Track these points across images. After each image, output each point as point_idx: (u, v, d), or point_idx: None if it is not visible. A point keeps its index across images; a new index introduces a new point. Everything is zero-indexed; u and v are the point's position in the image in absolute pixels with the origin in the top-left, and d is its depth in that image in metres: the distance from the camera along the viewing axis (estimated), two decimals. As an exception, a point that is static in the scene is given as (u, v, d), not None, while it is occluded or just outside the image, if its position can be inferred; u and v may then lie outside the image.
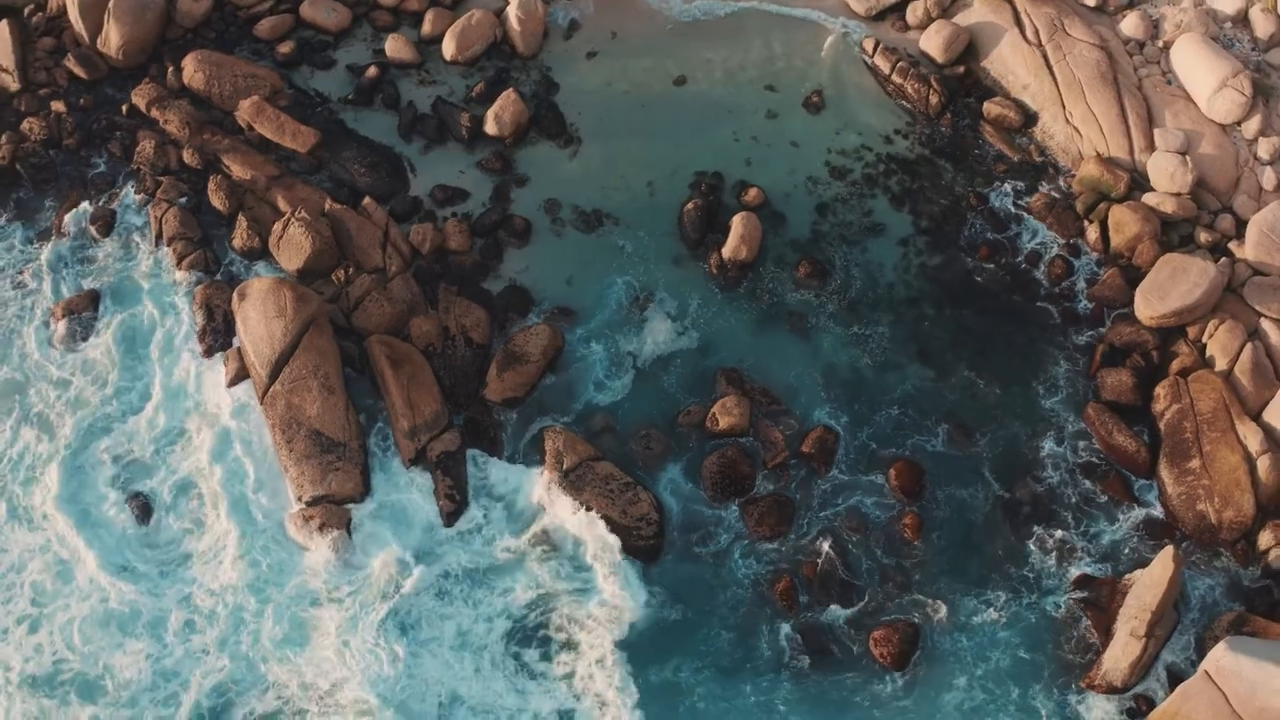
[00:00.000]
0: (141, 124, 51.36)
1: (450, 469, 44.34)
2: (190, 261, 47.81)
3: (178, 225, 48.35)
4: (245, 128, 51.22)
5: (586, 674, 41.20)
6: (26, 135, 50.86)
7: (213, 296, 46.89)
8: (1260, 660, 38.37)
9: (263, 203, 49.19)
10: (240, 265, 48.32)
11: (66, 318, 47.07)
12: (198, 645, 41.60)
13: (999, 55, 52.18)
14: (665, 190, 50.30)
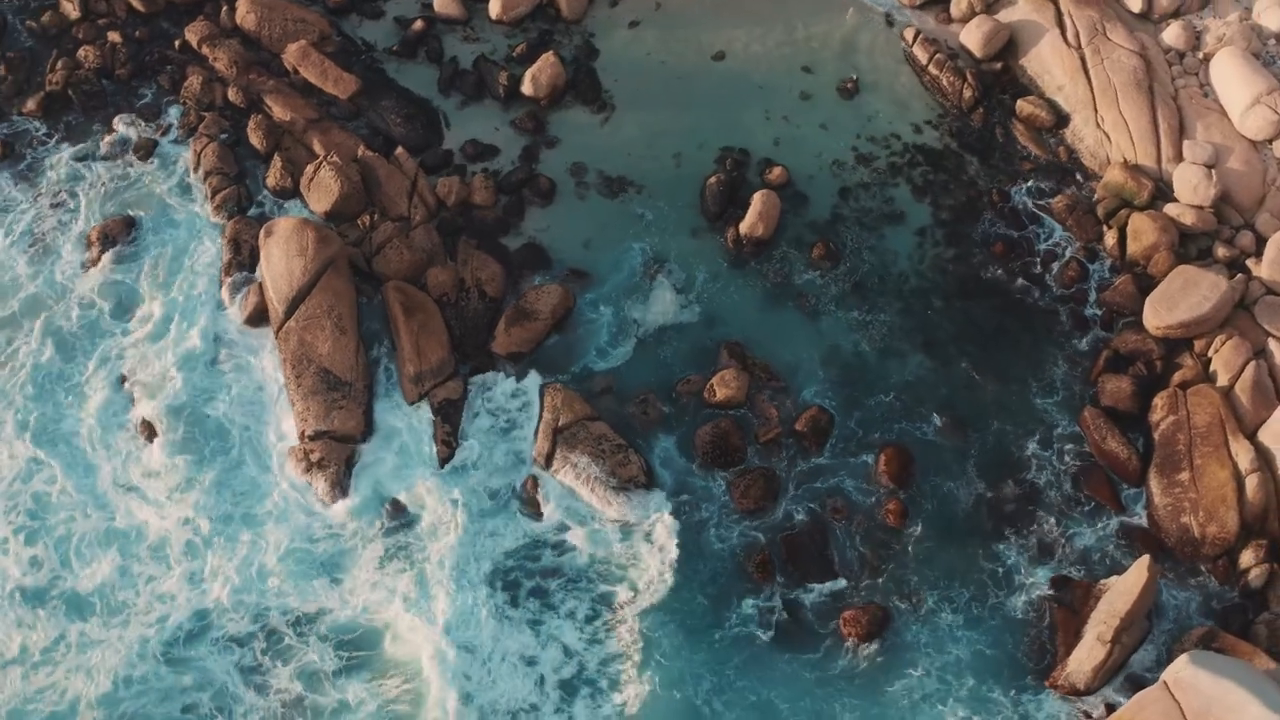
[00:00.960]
0: (192, 60, 52.42)
1: (450, 415, 45.09)
2: (224, 196, 48.87)
3: (215, 160, 49.45)
4: (290, 70, 52.20)
5: (555, 624, 41.72)
6: (81, 62, 52.15)
7: (242, 231, 47.99)
8: (1219, 677, 38.08)
9: (299, 144, 50.11)
10: (271, 203, 49.32)
11: (101, 240, 48.31)
12: (190, 569, 42.60)
13: (1037, 54, 51.63)
14: (691, 162, 50.39)
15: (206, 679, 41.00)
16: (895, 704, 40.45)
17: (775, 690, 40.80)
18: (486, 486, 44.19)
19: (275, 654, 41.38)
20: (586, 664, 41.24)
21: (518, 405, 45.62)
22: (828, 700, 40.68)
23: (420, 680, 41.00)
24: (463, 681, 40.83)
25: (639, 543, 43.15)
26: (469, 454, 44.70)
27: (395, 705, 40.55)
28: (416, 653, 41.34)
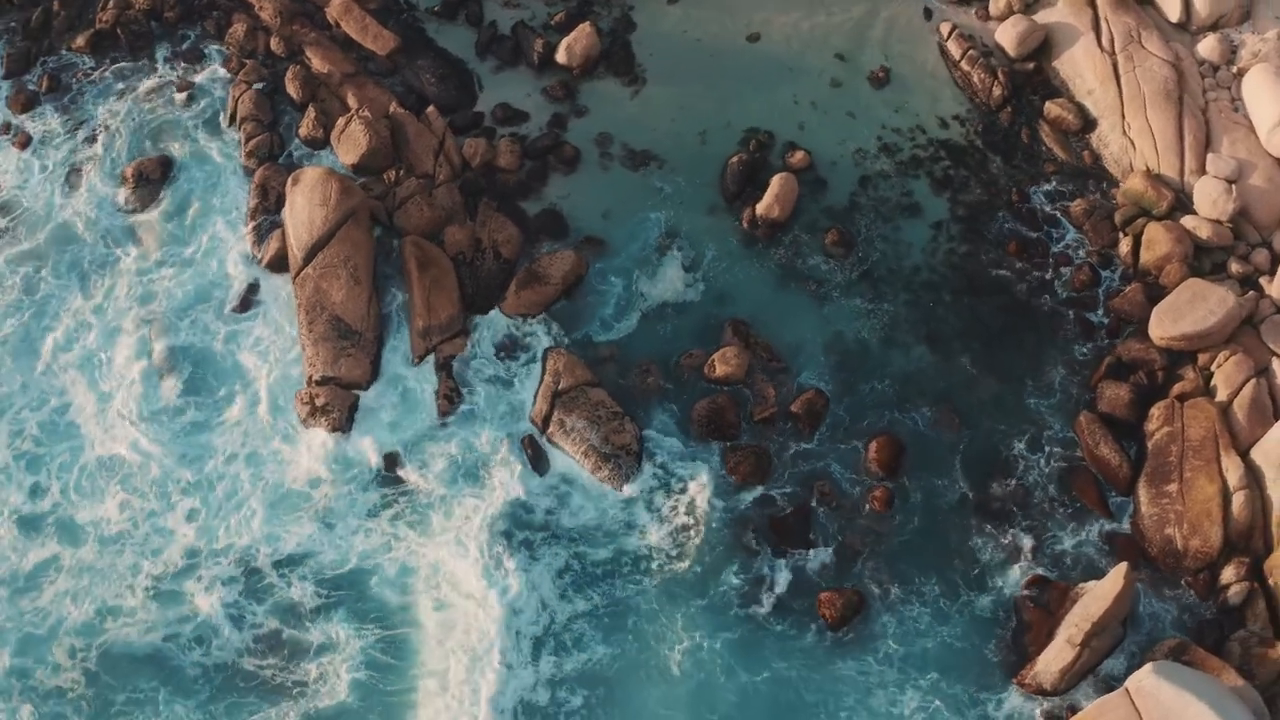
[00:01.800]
0: (238, 7, 53.16)
1: (453, 371, 45.55)
2: (257, 143, 49.64)
3: (252, 107, 50.21)
4: (332, 24, 52.77)
5: (540, 577, 42.33)
6: (132, 3, 53.06)
7: (270, 178, 48.74)
8: (1180, 689, 37.77)
9: (334, 97, 50.77)
10: (302, 152, 50.03)
11: (134, 177, 49.37)
12: (188, 505, 43.64)
13: (1070, 57, 50.99)
14: (715, 141, 50.39)
15: (191, 613, 41.92)
16: (854, 686, 40.60)
17: (743, 660, 41.05)
18: (483, 443, 44.57)
19: (259, 592, 42.32)
20: (557, 619, 41.69)
21: (521, 364, 46.20)
22: (790, 674, 40.86)
23: (404, 624, 41.66)
24: (444, 626, 41.55)
25: (626, 508, 43.48)
26: (469, 410, 45.24)
27: (376, 647, 41.17)
28: (403, 599, 41.99)
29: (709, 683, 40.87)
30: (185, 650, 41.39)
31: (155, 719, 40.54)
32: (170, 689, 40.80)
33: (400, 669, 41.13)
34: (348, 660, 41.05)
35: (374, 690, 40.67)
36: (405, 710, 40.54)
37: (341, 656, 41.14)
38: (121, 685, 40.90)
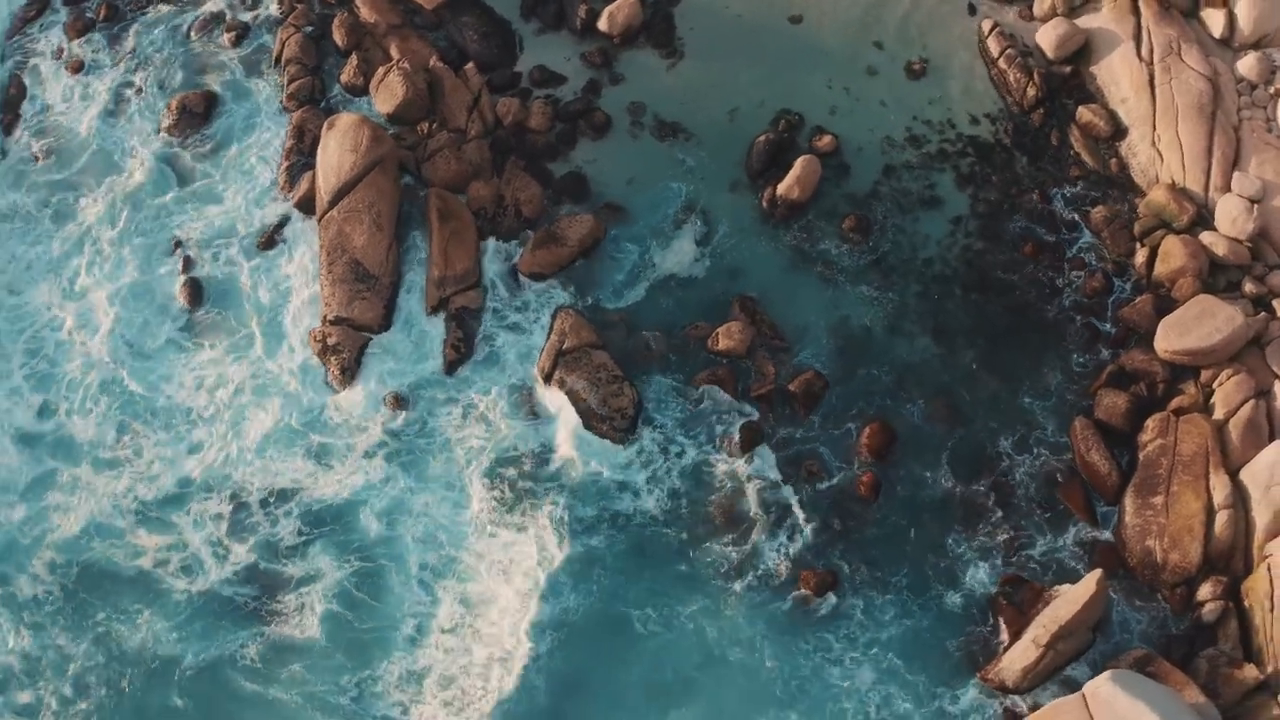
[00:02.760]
0: (295, -49, 54.21)
1: (464, 323, 46.26)
2: (298, 86, 50.57)
3: (298, 50, 51.10)
4: (384, -25, 53.66)
5: (535, 533, 42.98)
6: (190, -58, 54.47)
7: (307, 121, 49.59)
8: (1135, 699, 37.45)
9: (377, 47, 51.35)
10: (341, 99, 50.84)
11: (178, 111, 50.52)
12: (191, 433, 44.85)
13: (1108, 64, 50.15)
14: (746, 119, 50.27)
15: (179, 542, 43.21)
16: (814, 659, 40.95)
17: (711, 621, 41.65)
18: (485, 394, 45.27)
19: (249, 525, 43.43)
20: (535, 574, 42.32)
21: (530, 322, 46.62)
22: (754, 639, 41.32)
23: (387, 560, 42.64)
24: (430, 567, 42.60)
25: (617, 470, 43.93)
26: (475, 362, 45.81)
27: (353, 581, 42.21)
28: (390, 535, 42.96)
29: (673, 641, 41.51)
30: (172, 577, 42.56)
31: (135, 636, 41.77)
32: (153, 611, 42.08)
33: (377, 608, 42.05)
34: (325, 593, 42.07)
35: (346, 624, 41.65)
36: (374, 647, 41.55)
37: (321, 588, 42.14)
38: (103, 603, 42.24)
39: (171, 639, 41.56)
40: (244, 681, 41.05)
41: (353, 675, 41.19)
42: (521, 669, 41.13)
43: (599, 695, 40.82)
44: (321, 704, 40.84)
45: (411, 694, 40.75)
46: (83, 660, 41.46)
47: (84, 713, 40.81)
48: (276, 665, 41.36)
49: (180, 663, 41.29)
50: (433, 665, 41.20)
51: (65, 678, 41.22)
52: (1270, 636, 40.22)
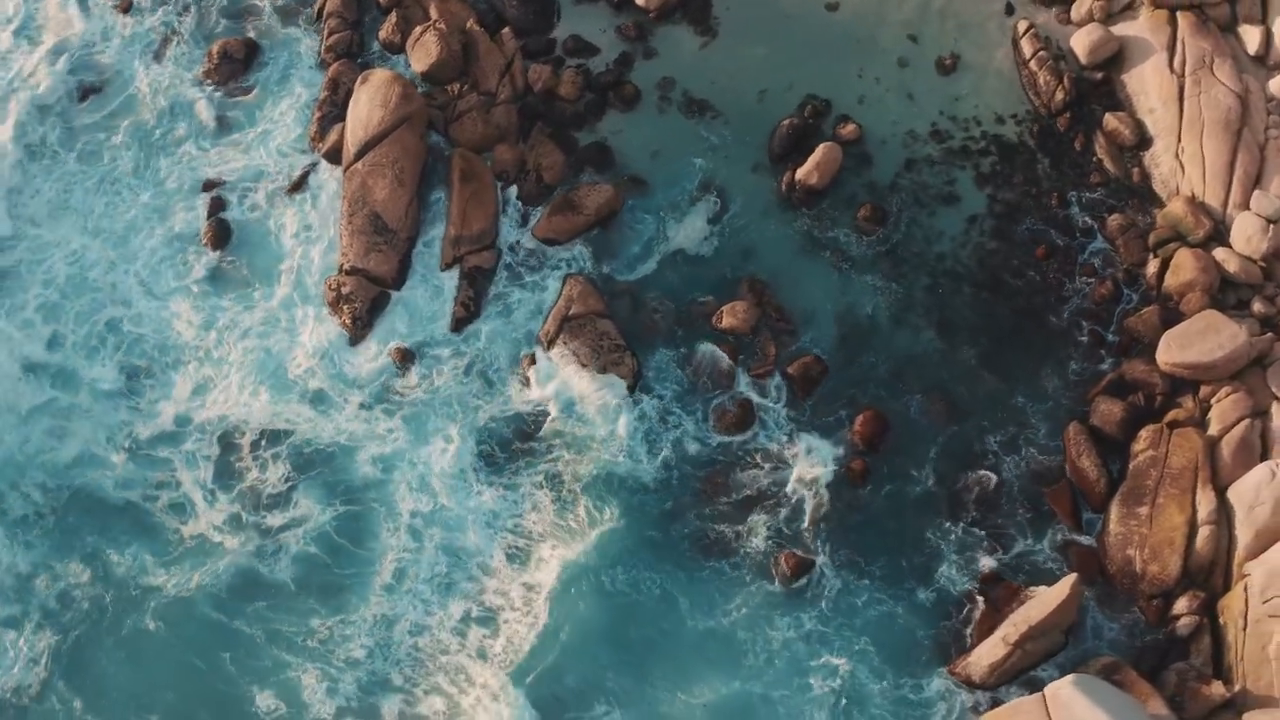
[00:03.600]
0: (343, -95, 54.59)
1: (476, 282, 46.62)
2: (337, 39, 50.89)
3: (339, 5, 51.45)
4: (430, -65, 53.87)
5: (524, 491, 43.47)
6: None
7: (343, 74, 49.96)
8: (1094, 704, 37.28)
9: (417, 5, 51.48)
10: (378, 55, 51.16)
11: (219, 56, 51.06)
12: (196, 373, 45.64)
13: (1139, 73, 49.26)
14: (773, 102, 49.93)
15: (169, 480, 44.06)
16: (784, 635, 41.15)
17: (684, 588, 42.00)
18: (488, 353, 45.78)
19: (242, 464, 44.09)
20: (523, 524, 42.91)
21: (540, 286, 46.87)
22: (726, 609, 41.63)
23: (380, 506, 43.34)
24: (421, 515, 43.18)
25: (612, 436, 44.12)
26: (483, 321, 46.20)
27: (342, 525, 43.04)
28: (385, 480, 43.64)
29: (640, 602, 41.85)
30: (161, 512, 43.45)
31: (121, 562, 42.70)
32: (140, 543, 43.02)
33: (360, 553, 42.77)
34: (311, 534, 42.93)
35: (327, 566, 42.53)
36: (352, 591, 42.35)
37: (307, 529, 42.99)
38: (92, 528, 43.22)
39: (155, 569, 42.44)
40: (219, 616, 41.81)
41: (325, 618, 41.82)
42: (493, 621, 41.80)
43: (563, 650, 41.24)
44: (288, 643, 41.50)
45: (379, 639, 41.36)
46: (68, 579, 42.40)
47: (64, 626, 41.69)
48: (251, 602, 42.12)
49: (160, 591, 42.15)
50: (406, 613, 41.72)
51: (49, 593, 42.21)
52: (1241, 655, 39.90)
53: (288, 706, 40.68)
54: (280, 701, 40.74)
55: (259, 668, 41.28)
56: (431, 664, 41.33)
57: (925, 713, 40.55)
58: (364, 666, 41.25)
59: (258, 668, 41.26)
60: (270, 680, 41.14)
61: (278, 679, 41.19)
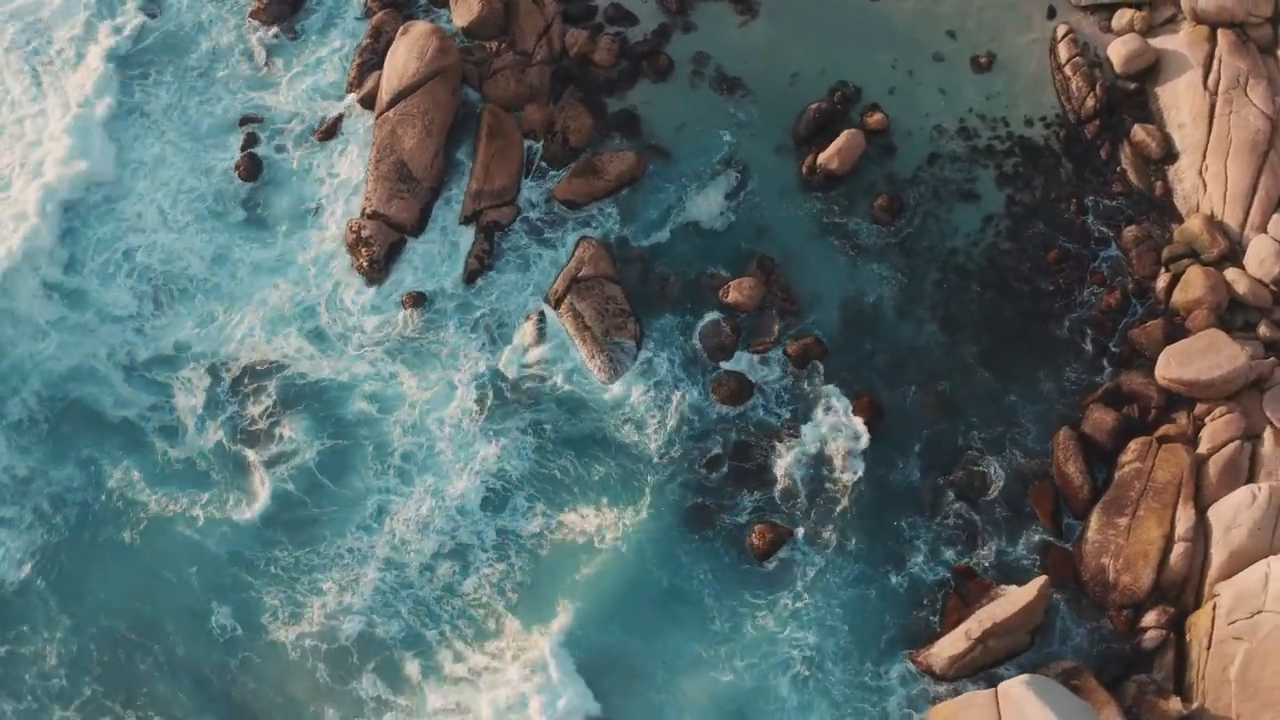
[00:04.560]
0: None
1: (492, 236, 46.99)
2: (384, -9, 51.84)
3: (389, -46, 52.15)
4: (485, -107, 53.97)
5: (510, 441, 43.89)
6: None
7: (386, 23, 50.52)
8: (1045, 705, 37.04)
9: (465, -39, 52.18)
10: (424, 8, 51.58)
11: (268, -1, 52.64)
12: (204, 303, 46.45)
13: (1173, 87, 48.36)
14: (805, 85, 49.61)
15: (164, 403, 44.95)
16: (752, 606, 41.43)
17: (659, 553, 42.31)
18: (497, 306, 46.16)
19: (238, 396, 44.95)
20: (510, 473, 43.37)
21: (553, 245, 47.04)
22: (697, 575, 41.93)
23: (371, 444, 44.04)
24: (411, 457, 43.89)
25: (607, 398, 44.49)
26: (495, 274, 46.53)
27: (332, 458, 43.84)
28: (378, 423, 44.29)
29: (615, 559, 42.26)
30: (154, 434, 44.36)
31: (111, 475, 43.69)
32: (131, 460, 44.01)
33: (340, 491, 43.59)
34: (303, 465, 43.74)
35: (304, 501, 43.38)
36: (327, 525, 43.18)
37: (300, 460, 43.77)
38: (86, 441, 44.24)
39: (140, 486, 43.45)
40: (193, 535, 42.88)
41: (295, 549, 42.65)
42: (463, 563, 42.41)
43: (527, 594, 41.93)
44: (256, 568, 42.45)
45: (349, 572, 42.10)
46: (60, 485, 43.53)
47: (50, 529, 42.81)
48: (226, 527, 43.03)
49: (143, 507, 43.21)
50: (380, 550, 42.39)
51: (41, 496, 43.40)
52: (1202, 674, 39.43)
53: (244, 628, 41.64)
54: (238, 622, 41.71)
55: (222, 586, 42.35)
56: (394, 598, 41.94)
57: (884, 697, 40.59)
58: (328, 596, 42.01)
59: (221, 586, 42.34)
60: (231, 599, 42.11)
61: (239, 599, 42.16)
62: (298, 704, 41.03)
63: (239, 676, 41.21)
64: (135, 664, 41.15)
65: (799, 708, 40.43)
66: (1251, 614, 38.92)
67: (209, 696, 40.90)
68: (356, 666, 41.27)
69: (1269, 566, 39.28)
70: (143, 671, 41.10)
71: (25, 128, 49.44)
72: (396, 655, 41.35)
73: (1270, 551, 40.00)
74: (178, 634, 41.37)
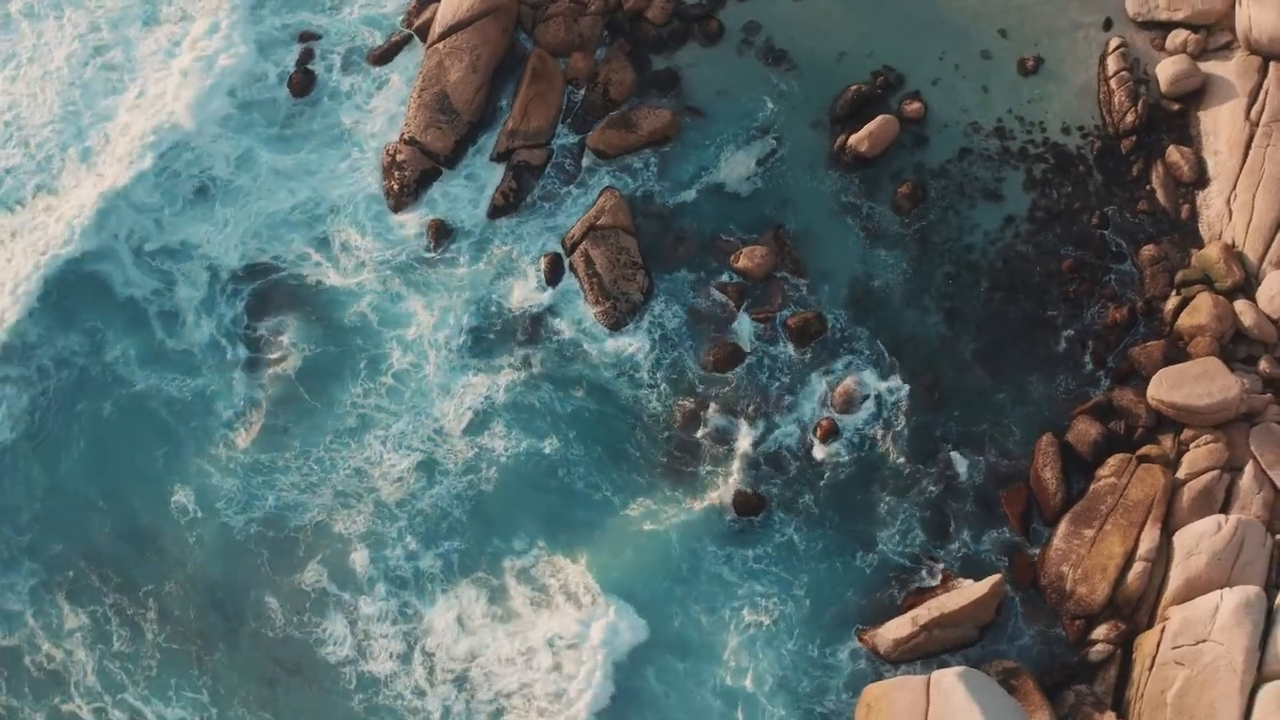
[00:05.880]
0: None
1: (520, 176, 47.31)
2: (455, -71, 51.90)
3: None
4: None
5: (499, 375, 44.61)
6: None
7: (450, -39, 51.05)
8: (973, 699, 36.99)
9: (537, -95, 52.17)
10: (491, -48, 52.18)
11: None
12: (233, 203, 47.52)
13: (1215, 114, 46.93)
14: (849, 65, 48.98)
15: (165, 288, 46.15)
16: (715, 561, 41.83)
17: (633, 497, 42.89)
18: (514, 244, 46.52)
19: (241, 295, 45.99)
20: (497, 402, 44.12)
21: (579, 192, 47.17)
22: (667, 520, 42.36)
23: (364, 358, 45.06)
24: (399, 375, 44.76)
25: (604, 346, 44.82)
26: (517, 212, 46.91)
27: (321, 366, 44.98)
28: (376, 336, 45.27)
29: (588, 497, 42.94)
30: (154, 318, 45.63)
31: (109, 349, 45.17)
32: (131, 339, 45.43)
33: (326, 395, 44.67)
34: (295, 364, 44.90)
35: (292, 400, 44.56)
36: (308, 425, 44.26)
37: (294, 360, 44.97)
38: (93, 313, 45.76)
39: (133, 365, 45.03)
40: (170, 420, 44.32)
41: (268, 448, 43.88)
42: (430, 475, 43.35)
43: (489, 507, 42.85)
44: (219, 461, 43.72)
45: (317, 470, 43.32)
46: (65, 347, 45.29)
47: (42, 394, 44.65)
48: (204, 417, 44.42)
49: (130, 386, 44.81)
50: (351, 457, 43.48)
51: (47, 357, 45.20)
52: (1141, 693, 38.89)
53: (202, 511, 43.01)
54: (197, 505, 43.05)
55: (186, 470, 43.66)
56: (358, 500, 42.97)
57: (829, 670, 40.71)
58: (288, 494, 43.13)
59: (185, 470, 43.67)
60: (194, 483, 43.41)
61: (200, 484, 43.46)
62: (242, 585, 42.40)
63: (193, 552, 42.74)
64: (100, 528, 42.95)
65: (745, 662, 40.67)
66: (1196, 641, 38.35)
67: (165, 565, 42.51)
68: (303, 558, 42.56)
69: (1221, 598, 38.67)
70: (106, 536, 43.00)
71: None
72: (348, 550, 42.57)
73: (1227, 583, 39.29)
74: (141, 507, 43.11)
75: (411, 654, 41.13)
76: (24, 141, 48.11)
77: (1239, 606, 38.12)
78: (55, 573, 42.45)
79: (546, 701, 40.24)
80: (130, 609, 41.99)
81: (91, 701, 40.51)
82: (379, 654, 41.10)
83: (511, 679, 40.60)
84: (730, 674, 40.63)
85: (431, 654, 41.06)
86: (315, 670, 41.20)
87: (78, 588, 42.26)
